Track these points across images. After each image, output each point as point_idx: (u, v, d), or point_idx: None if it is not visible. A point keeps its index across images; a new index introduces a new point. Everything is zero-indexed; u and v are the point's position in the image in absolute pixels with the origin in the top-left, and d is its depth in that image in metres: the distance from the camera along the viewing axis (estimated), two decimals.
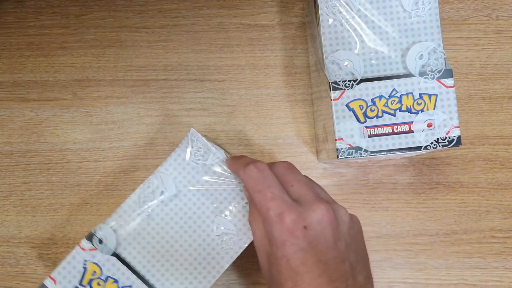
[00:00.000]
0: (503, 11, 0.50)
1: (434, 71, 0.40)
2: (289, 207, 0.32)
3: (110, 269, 0.40)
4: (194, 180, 0.41)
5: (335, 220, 0.33)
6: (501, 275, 0.49)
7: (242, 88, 0.50)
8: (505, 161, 0.49)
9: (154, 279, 0.40)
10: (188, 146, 0.41)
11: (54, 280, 0.40)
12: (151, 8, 0.50)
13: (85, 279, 0.40)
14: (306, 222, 0.32)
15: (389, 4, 0.41)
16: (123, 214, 0.40)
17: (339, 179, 0.49)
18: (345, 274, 0.32)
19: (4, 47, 0.51)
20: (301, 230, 0.32)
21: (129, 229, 0.40)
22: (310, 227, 0.32)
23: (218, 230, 0.40)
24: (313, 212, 0.32)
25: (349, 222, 0.34)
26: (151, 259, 0.40)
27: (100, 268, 0.40)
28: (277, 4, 0.50)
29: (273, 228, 0.32)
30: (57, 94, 0.50)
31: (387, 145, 0.40)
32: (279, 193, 0.33)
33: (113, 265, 0.40)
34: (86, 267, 0.40)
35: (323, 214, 0.32)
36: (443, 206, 0.49)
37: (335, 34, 0.41)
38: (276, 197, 0.33)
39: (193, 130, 0.41)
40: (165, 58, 0.50)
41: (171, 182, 0.40)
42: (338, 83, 0.40)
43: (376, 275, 0.49)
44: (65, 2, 0.51)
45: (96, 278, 0.40)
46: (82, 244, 0.40)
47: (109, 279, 0.40)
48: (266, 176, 0.34)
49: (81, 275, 0.40)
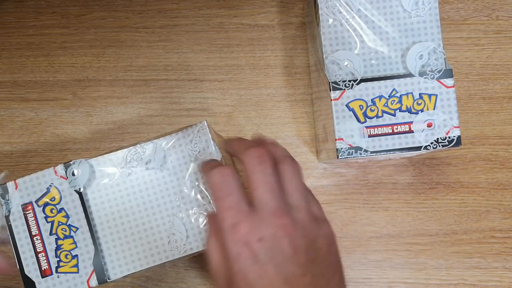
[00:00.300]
0: (503, 11, 0.50)
1: (434, 71, 0.40)
2: (245, 218, 0.31)
3: (68, 203, 0.40)
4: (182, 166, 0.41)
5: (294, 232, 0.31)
6: (501, 275, 0.49)
7: (242, 88, 0.50)
8: (505, 161, 0.49)
9: (102, 233, 0.40)
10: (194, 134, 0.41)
11: (16, 185, 0.40)
12: (151, 8, 0.50)
13: (42, 200, 0.40)
14: (261, 234, 0.31)
15: (389, 4, 0.41)
16: (107, 161, 0.40)
17: (339, 179, 0.49)
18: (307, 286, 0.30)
19: (4, 47, 0.51)
20: (255, 242, 0.30)
21: (104, 178, 0.40)
22: (265, 239, 0.30)
23: (170, 227, 0.40)
24: (269, 225, 0.31)
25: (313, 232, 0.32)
26: (109, 215, 0.40)
27: (60, 197, 0.40)
28: (277, 4, 0.50)
29: (227, 239, 0.31)
30: (57, 94, 0.50)
31: (387, 145, 0.40)
32: (237, 203, 0.32)
33: (72, 201, 0.40)
34: (49, 189, 0.40)
35: (279, 226, 0.31)
36: (443, 206, 0.49)
37: (335, 34, 0.41)
38: (233, 207, 0.31)
39: (204, 123, 0.40)
40: (165, 58, 0.50)
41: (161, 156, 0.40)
42: (338, 83, 0.40)
43: (376, 275, 0.49)
44: (65, 2, 0.51)
45: (52, 204, 0.40)
46: (57, 168, 0.40)
47: (62, 211, 0.40)
48: (229, 183, 0.33)
49: (41, 195, 0.40)
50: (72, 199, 0.40)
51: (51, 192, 0.40)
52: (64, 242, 0.39)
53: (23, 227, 0.39)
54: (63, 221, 0.40)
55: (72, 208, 0.40)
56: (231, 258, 0.31)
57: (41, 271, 0.39)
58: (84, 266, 0.40)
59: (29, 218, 0.40)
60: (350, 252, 0.49)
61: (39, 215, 0.40)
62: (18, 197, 0.40)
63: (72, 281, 0.39)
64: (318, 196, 0.49)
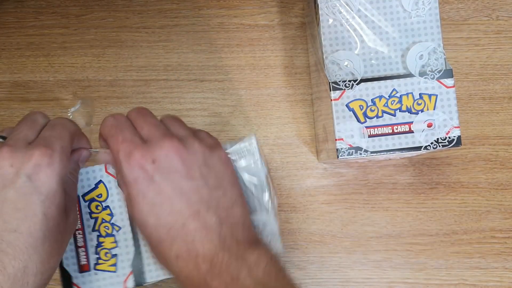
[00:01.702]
0: (503, 11, 0.50)
1: (434, 71, 0.40)
2: (138, 146, 0.33)
3: (114, 201, 0.40)
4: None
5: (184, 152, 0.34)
6: (501, 275, 0.49)
7: (242, 88, 0.50)
8: (505, 161, 0.49)
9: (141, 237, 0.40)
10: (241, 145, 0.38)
11: None
12: (151, 8, 0.50)
13: (89, 195, 0.39)
14: (154, 156, 0.33)
15: (389, 4, 0.41)
16: None
17: (339, 179, 0.49)
18: (205, 197, 0.33)
19: (4, 47, 0.51)
20: (149, 164, 0.33)
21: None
22: (158, 160, 0.33)
23: None
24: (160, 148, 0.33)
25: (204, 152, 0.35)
26: None
27: (107, 195, 0.39)
28: (277, 4, 0.50)
29: (124, 167, 0.33)
30: (57, 94, 0.50)
31: (387, 145, 0.40)
32: (130, 136, 0.34)
33: (118, 200, 0.39)
34: (97, 186, 0.40)
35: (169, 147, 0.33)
36: (443, 206, 0.49)
37: (335, 34, 0.41)
38: (127, 140, 0.34)
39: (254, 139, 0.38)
40: (165, 58, 0.50)
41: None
42: (338, 83, 0.40)
43: (376, 275, 0.49)
44: (65, 2, 0.51)
45: (99, 201, 0.39)
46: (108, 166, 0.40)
47: (107, 209, 0.39)
48: (120, 122, 0.35)
49: (89, 190, 0.39)
50: (118, 198, 0.40)
51: (99, 188, 0.39)
52: (105, 240, 0.39)
53: None
54: (107, 219, 0.39)
55: (118, 207, 0.40)
56: (130, 183, 0.33)
57: (79, 266, 0.39)
58: (122, 267, 0.39)
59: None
60: (350, 252, 0.49)
61: (84, 210, 0.39)
62: None
63: (108, 280, 0.39)
64: (318, 196, 0.49)
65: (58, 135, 0.35)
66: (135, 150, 0.33)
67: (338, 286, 0.49)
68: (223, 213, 0.34)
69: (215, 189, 0.34)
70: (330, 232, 0.49)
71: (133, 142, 0.34)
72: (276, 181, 0.49)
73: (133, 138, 0.34)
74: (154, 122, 0.36)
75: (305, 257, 0.49)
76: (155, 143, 0.34)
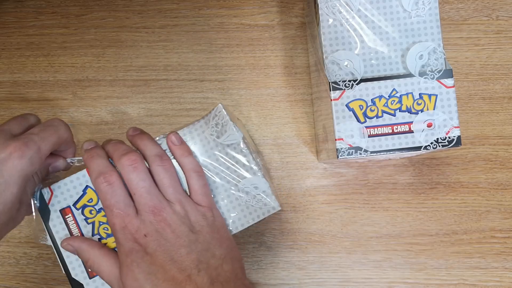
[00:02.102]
0: (503, 11, 0.50)
1: (434, 71, 0.40)
2: (132, 220, 0.37)
3: None
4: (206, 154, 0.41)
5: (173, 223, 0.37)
6: (501, 275, 0.49)
7: (242, 88, 0.50)
8: (505, 161, 0.49)
9: None
10: (211, 120, 0.41)
11: (52, 191, 0.40)
12: (151, 8, 0.50)
13: (80, 202, 0.40)
14: (146, 230, 0.36)
15: (389, 4, 0.41)
16: None
17: (339, 179, 0.49)
18: (194, 261, 0.36)
19: (4, 47, 0.51)
20: (142, 238, 0.36)
21: None
22: (149, 234, 0.36)
23: None
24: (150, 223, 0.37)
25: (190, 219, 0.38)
26: None
27: (97, 197, 0.40)
28: (277, 4, 0.50)
29: (120, 237, 0.37)
30: (57, 94, 0.50)
31: (387, 145, 0.40)
32: (124, 209, 0.37)
33: None
34: (85, 192, 0.40)
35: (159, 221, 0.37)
36: (443, 206, 0.49)
37: (335, 34, 0.41)
38: (120, 215, 0.37)
39: (220, 105, 0.41)
40: (165, 58, 0.50)
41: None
42: (338, 83, 0.40)
43: (376, 275, 0.49)
44: (65, 2, 0.51)
45: (91, 205, 0.40)
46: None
47: (102, 211, 0.40)
48: (115, 190, 0.37)
49: (78, 198, 0.40)
50: None
51: (88, 193, 0.40)
52: (107, 241, 0.39)
53: (65, 232, 0.39)
54: (104, 221, 0.40)
55: None
56: (125, 252, 0.36)
57: (88, 272, 0.39)
58: None
59: (69, 222, 0.40)
60: (350, 252, 0.49)
61: (79, 217, 0.40)
62: (55, 202, 0.39)
63: None
64: (318, 196, 0.49)
65: (42, 137, 0.37)
66: (129, 225, 0.36)
67: (338, 286, 0.49)
68: (213, 272, 0.36)
69: (204, 251, 0.37)
70: (330, 232, 0.49)
71: (126, 216, 0.37)
72: (276, 181, 0.49)
73: (127, 211, 0.37)
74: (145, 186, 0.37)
75: (305, 257, 0.49)
76: (146, 217, 0.37)
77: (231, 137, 0.40)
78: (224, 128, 0.40)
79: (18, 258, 0.49)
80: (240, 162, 0.41)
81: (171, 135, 0.40)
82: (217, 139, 0.40)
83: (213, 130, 0.41)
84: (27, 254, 0.49)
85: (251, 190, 0.41)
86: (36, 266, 0.49)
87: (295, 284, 0.49)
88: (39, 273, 0.49)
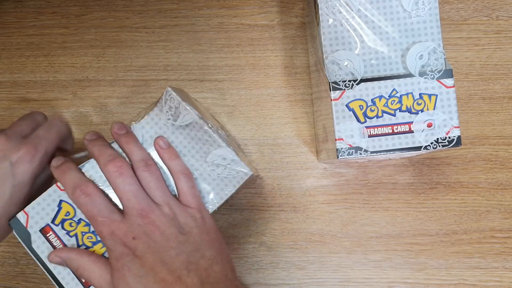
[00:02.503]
0: (503, 11, 0.50)
1: (434, 71, 0.40)
2: (119, 225, 0.37)
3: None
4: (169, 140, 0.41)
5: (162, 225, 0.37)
6: (501, 275, 0.49)
7: (242, 88, 0.50)
8: (505, 161, 0.49)
9: None
10: (164, 106, 0.41)
11: (27, 214, 0.39)
12: (151, 8, 0.50)
13: (58, 218, 0.39)
14: (134, 233, 0.36)
15: (389, 4, 0.41)
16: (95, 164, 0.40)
17: (339, 179, 0.49)
18: (184, 262, 0.36)
19: (4, 47, 0.51)
20: (131, 241, 0.36)
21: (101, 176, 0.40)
22: (138, 237, 0.36)
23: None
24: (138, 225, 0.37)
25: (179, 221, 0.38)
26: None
27: (74, 209, 0.39)
28: (277, 4, 0.50)
29: (109, 243, 0.37)
30: (57, 94, 0.50)
31: (387, 145, 0.40)
32: (108, 216, 0.37)
33: None
34: (60, 206, 0.40)
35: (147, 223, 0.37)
36: (443, 206, 0.49)
37: (335, 34, 0.41)
38: (106, 222, 0.37)
39: (169, 89, 0.40)
40: (165, 58, 0.50)
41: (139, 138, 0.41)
42: (338, 83, 0.40)
43: (376, 275, 0.49)
44: (65, 2, 0.51)
45: (69, 219, 0.39)
46: (59, 183, 0.40)
47: (81, 222, 0.39)
48: (94, 201, 0.37)
49: (55, 214, 0.39)
50: None
51: (63, 208, 0.40)
52: (95, 248, 0.39)
53: (49, 250, 0.39)
54: (86, 230, 0.39)
55: None
56: (116, 257, 0.36)
57: (83, 284, 0.39)
58: None
59: (52, 239, 0.39)
60: (350, 252, 0.49)
61: (60, 233, 0.39)
62: (33, 224, 0.39)
63: None
64: (318, 196, 0.49)
65: (48, 139, 0.40)
66: (117, 230, 0.37)
67: (338, 286, 0.49)
68: (203, 273, 0.37)
69: (194, 252, 0.37)
70: (330, 232, 0.49)
71: (113, 222, 0.37)
72: (276, 181, 0.49)
73: (112, 217, 0.37)
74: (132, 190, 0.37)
75: (305, 257, 0.49)
76: (134, 220, 0.37)
77: (187, 117, 0.40)
78: (178, 110, 0.40)
79: (18, 258, 0.49)
80: (203, 138, 0.40)
81: (158, 139, 0.40)
82: (175, 123, 0.40)
83: (168, 115, 0.40)
84: (27, 254, 0.49)
85: (220, 161, 0.40)
86: (36, 266, 0.49)
87: (295, 284, 0.49)
88: (39, 273, 0.49)
